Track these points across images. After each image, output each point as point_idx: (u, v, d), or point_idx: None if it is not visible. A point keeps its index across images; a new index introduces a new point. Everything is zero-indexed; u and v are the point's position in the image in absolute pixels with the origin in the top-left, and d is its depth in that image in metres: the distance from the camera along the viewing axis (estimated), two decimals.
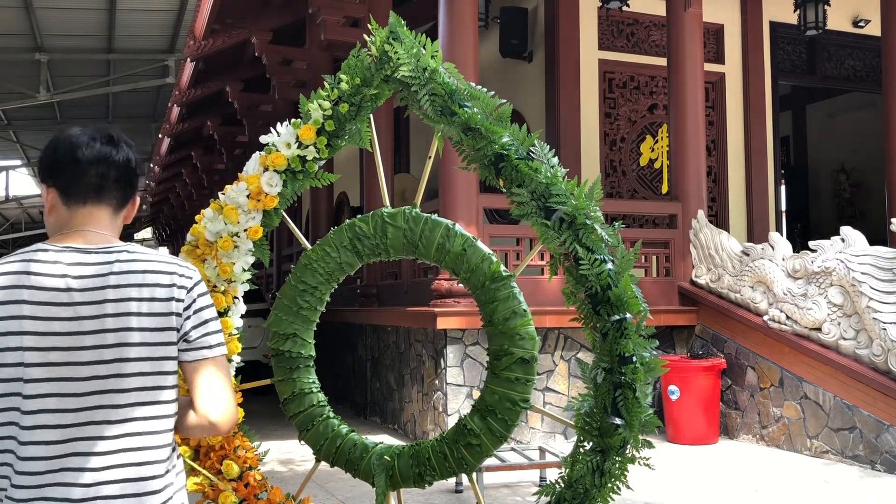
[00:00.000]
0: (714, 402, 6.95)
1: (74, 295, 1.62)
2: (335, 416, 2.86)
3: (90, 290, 1.63)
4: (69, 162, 1.72)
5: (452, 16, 6.90)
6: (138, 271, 1.68)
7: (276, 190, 2.72)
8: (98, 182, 1.73)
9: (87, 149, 1.72)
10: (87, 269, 1.65)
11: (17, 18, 11.78)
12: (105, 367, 1.62)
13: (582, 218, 2.57)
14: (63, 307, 1.61)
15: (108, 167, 1.73)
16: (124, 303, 1.64)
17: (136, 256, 1.70)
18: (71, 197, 1.73)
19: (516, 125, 2.67)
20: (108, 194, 1.74)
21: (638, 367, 2.52)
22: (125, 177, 1.76)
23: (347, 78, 2.70)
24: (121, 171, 1.75)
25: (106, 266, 1.67)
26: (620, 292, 2.53)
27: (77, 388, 1.60)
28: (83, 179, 1.72)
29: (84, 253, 1.67)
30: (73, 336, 1.61)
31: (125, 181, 1.77)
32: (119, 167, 1.75)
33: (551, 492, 2.66)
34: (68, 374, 1.60)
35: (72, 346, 1.60)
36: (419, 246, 2.72)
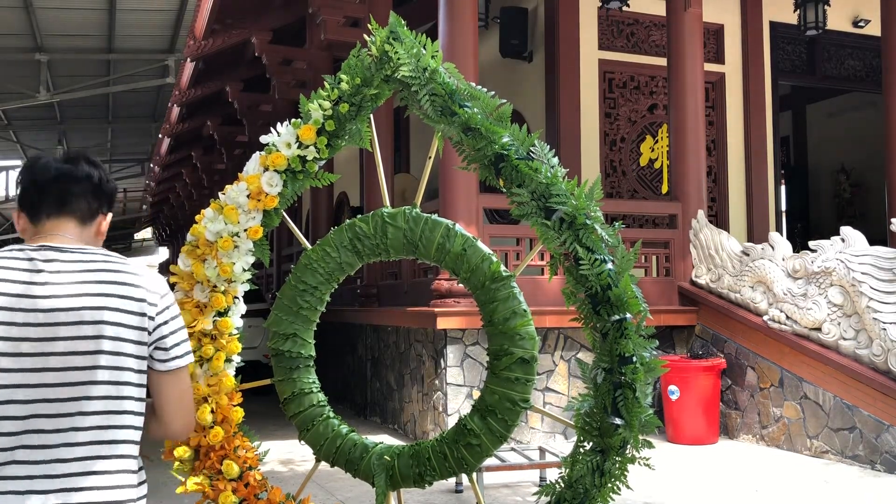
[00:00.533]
0: (714, 402, 6.95)
1: (50, 288, 1.66)
2: (335, 416, 2.86)
3: (67, 285, 1.67)
4: (30, 184, 1.80)
5: (452, 16, 6.90)
6: (114, 277, 1.72)
7: (277, 190, 2.71)
8: (59, 196, 1.79)
9: (46, 170, 1.80)
10: (63, 266, 1.70)
11: (17, 18, 11.78)
12: (77, 373, 1.64)
13: (582, 218, 2.57)
14: (38, 300, 1.64)
15: (68, 182, 1.80)
16: (99, 311, 1.67)
17: (111, 262, 1.75)
18: (35, 214, 1.80)
19: (516, 125, 2.67)
20: (71, 206, 1.80)
21: (638, 367, 2.52)
22: (89, 190, 1.82)
23: (347, 78, 2.70)
24: (83, 186, 1.81)
25: (81, 264, 1.71)
26: (620, 292, 2.53)
27: (41, 379, 1.61)
28: (44, 196, 1.79)
29: (59, 251, 1.72)
30: (48, 327, 1.63)
31: (90, 194, 1.82)
32: (80, 181, 1.81)
33: (551, 492, 2.66)
34: (39, 365, 1.61)
35: (44, 338, 1.62)
36: (419, 246, 2.72)
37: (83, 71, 14.28)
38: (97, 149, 20.04)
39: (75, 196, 1.80)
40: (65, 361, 1.62)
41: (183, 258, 2.74)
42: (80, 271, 1.69)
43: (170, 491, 5.20)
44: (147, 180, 22.96)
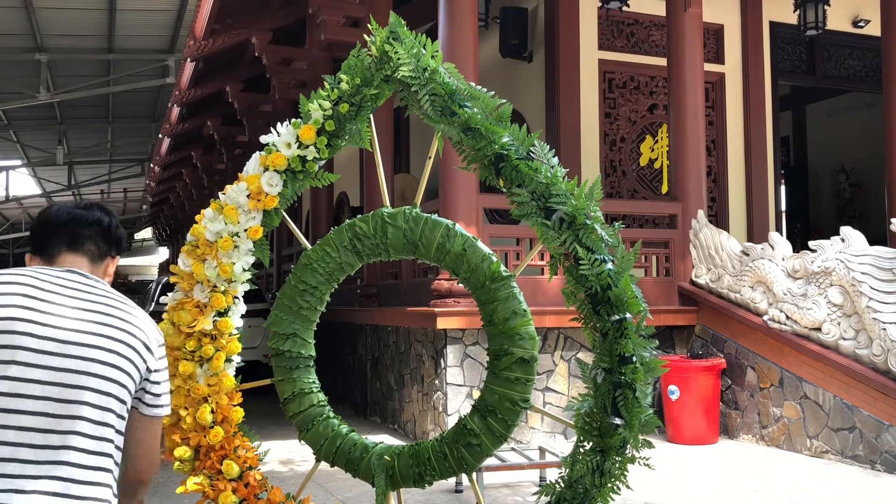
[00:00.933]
0: (714, 402, 6.95)
1: (57, 309, 1.70)
2: (335, 416, 2.86)
3: (72, 310, 1.72)
4: (42, 228, 1.89)
5: (452, 16, 6.90)
6: (118, 319, 1.77)
7: (277, 190, 2.72)
8: (70, 237, 1.88)
9: (59, 214, 1.89)
10: (74, 291, 1.76)
11: (17, 18, 11.78)
12: (56, 405, 1.64)
13: (582, 218, 2.57)
14: (61, 318, 1.69)
15: (78, 226, 1.89)
16: (93, 349, 1.70)
17: (120, 301, 1.82)
18: (47, 253, 1.87)
19: (516, 125, 2.67)
20: (80, 246, 1.88)
21: (638, 367, 2.52)
22: (98, 234, 1.91)
23: (347, 78, 2.70)
24: (93, 229, 1.90)
25: (93, 295, 1.77)
26: (620, 292, 2.53)
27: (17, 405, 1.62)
28: (56, 238, 1.88)
29: (85, 277, 1.80)
30: (38, 354, 1.65)
31: (98, 237, 1.91)
32: (90, 224, 1.90)
33: (551, 492, 2.66)
34: (19, 391, 1.61)
35: (31, 363, 1.64)
36: (419, 246, 2.72)
37: (83, 71, 14.28)
38: (97, 149, 20.04)
39: (85, 238, 1.89)
40: (44, 391, 1.63)
41: (183, 258, 2.74)
42: (89, 301, 1.76)
43: (170, 491, 5.20)
44: (147, 180, 22.96)
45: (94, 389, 1.66)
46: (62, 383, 1.63)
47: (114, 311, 1.77)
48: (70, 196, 25.19)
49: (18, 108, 15.14)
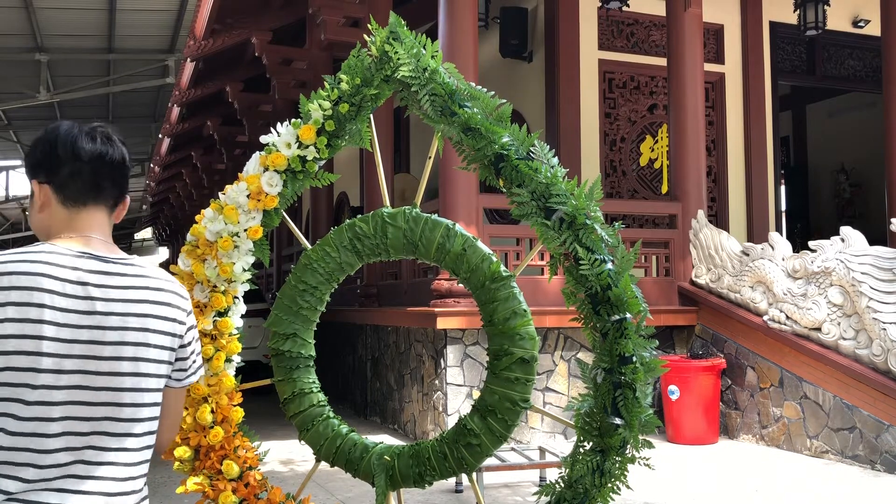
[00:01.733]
0: (714, 402, 6.95)
1: (96, 304, 1.58)
2: (335, 416, 2.86)
3: (114, 302, 1.61)
4: (67, 159, 1.66)
5: (452, 16, 6.90)
6: (154, 288, 1.68)
7: (277, 190, 2.72)
8: (96, 181, 1.68)
9: (86, 145, 1.67)
10: (108, 279, 1.62)
11: (17, 18, 11.78)
12: (121, 380, 1.60)
13: (582, 218, 2.57)
14: (84, 315, 1.57)
15: (104, 165, 1.68)
16: (144, 318, 1.63)
17: (147, 272, 1.69)
18: (69, 197, 1.67)
19: (516, 125, 2.67)
20: (105, 195, 1.70)
21: (638, 367, 2.52)
22: (120, 176, 1.73)
23: (347, 78, 2.70)
24: (116, 170, 1.71)
25: (126, 279, 1.64)
26: (620, 292, 2.53)
27: (90, 398, 1.57)
28: (81, 178, 1.67)
29: (102, 261, 1.64)
30: (92, 345, 1.57)
31: (120, 180, 1.74)
32: (115, 166, 1.71)
33: (551, 492, 2.66)
34: (82, 383, 1.56)
35: (89, 356, 1.56)
36: (419, 246, 2.72)
37: (83, 71, 14.28)
38: None
39: (108, 182, 1.70)
40: (112, 366, 1.59)
41: (183, 258, 2.74)
42: (125, 287, 1.63)
43: (170, 491, 5.20)
44: (147, 180, 22.96)
45: (147, 367, 1.63)
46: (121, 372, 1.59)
47: (147, 294, 1.65)
48: None
49: (18, 108, 15.15)
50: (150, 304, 1.65)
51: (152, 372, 1.65)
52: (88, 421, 1.56)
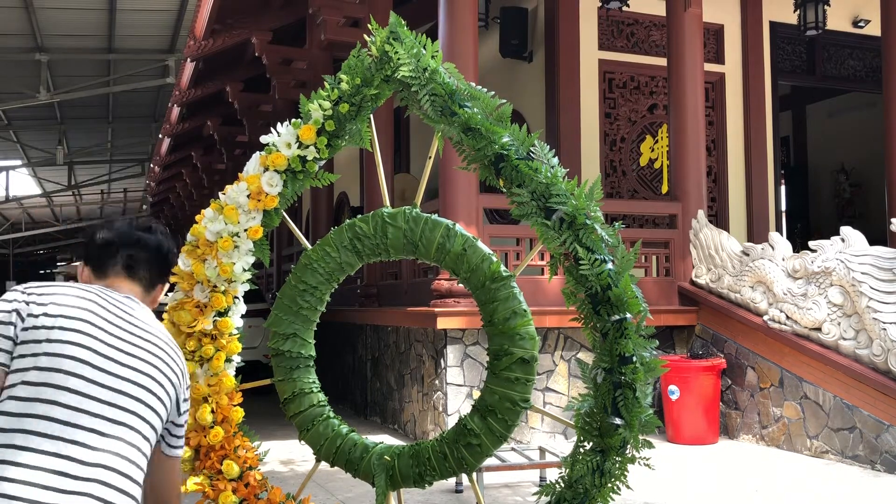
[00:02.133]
0: (714, 402, 6.95)
1: (126, 335, 1.74)
2: (335, 416, 2.86)
3: (140, 334, 1.76)
4: (104, 243, 1.87)
5: (452, 16, 6.90)
6: (170, 347, 1.82)
7: (277, 190, 2.72)
8: (127, 262, 1.87)
9: (121, 236, 1.88)
10: (129, 308, 1.79)
11: (17, 18, 11.78)
12: (123, 413, 1.67)
13: (582, 218, 2.57)
14: (119, 340, 1.71)
15: (138, 249, 1.87)
16: (157, 359, 1.76)
17: (165, 339, 1.83)
18: (101, 272, 1.86)
19: (516, 125, 2.66)
20: (137, 274, 1.87)
21: (638, 367, 2.52)
22: (156, 260, 1.90)
23: (348, 78, 2.70)
24: (151, 254, 1.89)
25: (144, 318, 1.80)
26: (620, 292, 2.53)
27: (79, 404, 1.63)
28: (114, 258, 1.86)
29: (126, 297, 1.82)
30: (111, 362, 1.67)
31: (155, 263, 1.90)
32: (150, 249, 1.89)
33: (551, 492, 2.66)
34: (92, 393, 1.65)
35: (105, 370, 1.66)
36: (419, 246, 2.72)
37: (83, 71, 14.28)
38: (97, 149, 20.04)
39: (142, 263, 1.88)
40: (101, 409, 1.66)
41: (183, 258, 2.74)
42: (142, 330, 1.78)
43: None
44: (147, 180, 22.96)
45: (139, 416, 1.69)
46: (116, 404, 1.65)
47: (159, 349, 1.78)
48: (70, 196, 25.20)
49: (18, 108, 15.15)
50: (163, 350, 1.80)
51: (146, 416, 1.72)
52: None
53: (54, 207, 27.83)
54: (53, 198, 25.69)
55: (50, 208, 27.83)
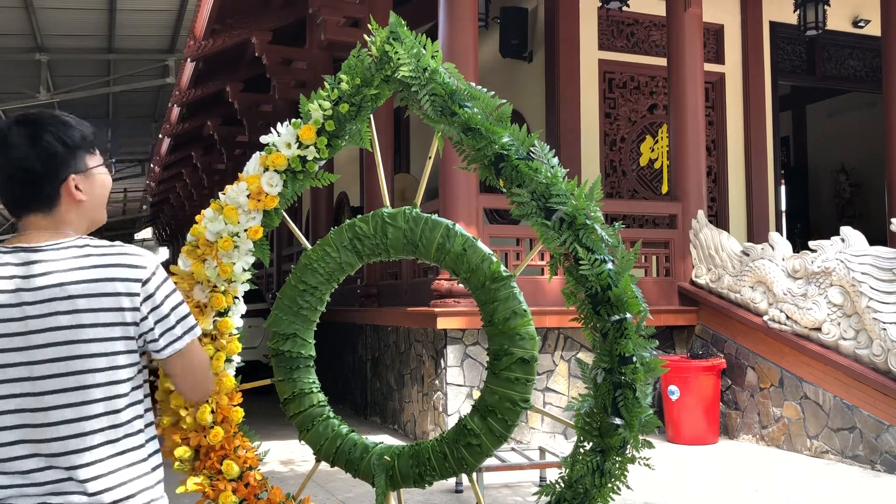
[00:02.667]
0: (714, 402, 6.95)
1: (23, 295, 1.59)
2: (335, 416, 2.86)
3: (38, 290, 1.59)
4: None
5: (452, 16, 6.90)
6: (87, 266, 1.62)
7: (277, 190, 2.71)
8: (12, 195, 1.67)
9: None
10: (34, 268, 1.61)
11: (17, 18, 11.78)
12: (61, 368, 1.59)
13: (582, 218, 2.57)
14: (12, 308, 1.58)
15: (12, 176, 1.65)
16: (73, 300, 1.59)
17: (87, 252, 1.64)
18: (9, 209, 1.70)
19: (516, 125, 2.66)
20: (25, 206, 1.67)
21: (638, 367, 2.52)
22: (36, 173, 1.64)
23: (348, 78, 2.70)
24: (19, 173, 1.64)
25: (53, 264, 1.61)
26: (620, 292, 2.53)
27: (33, 389, 1.58)
28: (3, 193, 1.68)
29: (31, 252, 1.63)
30: (24, 336, 1.58)
31: (29, 183, 1.65)
32: (13, 168, 1.64)
33: (551, 492, 2.66)
34: (24, 375, 1.58)
35: (24, 347, 1.58)
36: (419, 246, 2.71)
37: (83, 71, 14.28)
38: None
39: (25, 188, 1.65)
40: (49, 370, 1.59)
41: (183, 258, 2.73)
42: (50, 273, 1.60)
43: (170, 491, 5.20)
44: (147, 180, 22.96)
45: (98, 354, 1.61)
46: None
47: (75, 274, 1.61)
48: None
49: (18, 108, 15.14)
50: (81, 284, 1.60)
51: (95, 352, 1.61)
52: (35, 412, 1.58)
53: None
54: None
55: None
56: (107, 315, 1.62)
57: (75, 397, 1.59)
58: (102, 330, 1.61)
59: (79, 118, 1.76)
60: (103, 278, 1.62)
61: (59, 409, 1.59)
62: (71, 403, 1.59)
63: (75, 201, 1.69)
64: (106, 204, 1.81)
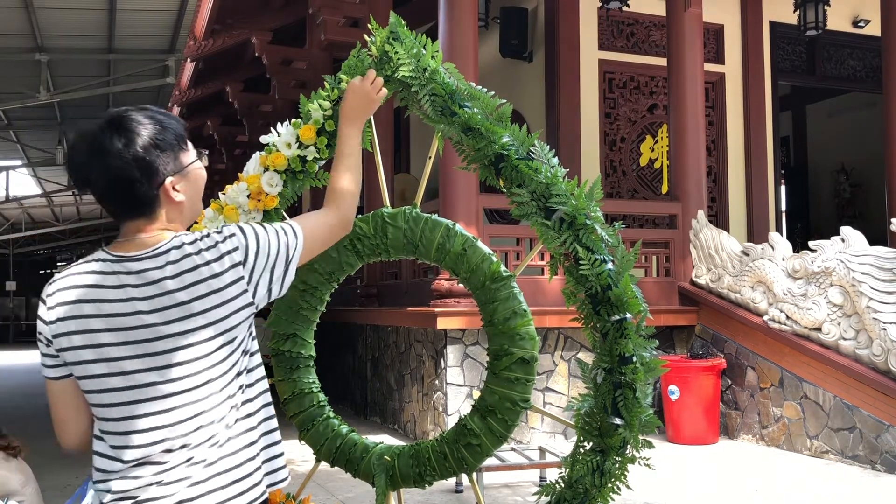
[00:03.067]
0: (714, 402, 6.95)
1: (137, 304, 1.58)
2: (335, 416, 2.86)
3: (151, 299, 1.58)
4: (74, 178, 1.66)
5: (452, 16, 6.90)
6: (189, 269, 1.60)
7: (277, 190, 2.71)
8: (103, 205, 1.66)
9: (74, 165, 1.63)
10: (144, 277, 1.59)
11: (17, 18, 11.77)
12: (184, 368, 1.58)
13: (582, 218, 2.57)
14: (128, 317, 1.57)
15: (94, 189, 1.63)
16: (188, 304, 1.58)
17: (185, 251, 1.61)
18: (104, 208, 1.69)
19: (516, 125, 2.66)
20: (126, 213, 1.64)
21: (638, 367, 2.52)
22: (127, 185, 1.60)
23: (348, 78, 2.70)
24: (118, 181, 1.60)
25: (158, 271, 1.59)
26: (620, 292, 2.53)
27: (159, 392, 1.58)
28: (96, 198, 1.65)
29: (135, 261, 1.60)
30: (145, 344, 1.57)
31: (129, 190, 1.61)
32: (112, 177, 1.60)
33: (551, 492, 2.66)
34: (149, 380, 1.58)
35: (145, 354, 1.57)
36: (419, 246, 2.71)
37: (83, 71, 14.27)
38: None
39: (125, 195, 1.62)
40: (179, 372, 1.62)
41: None
42: (158, 280, 1.59)
43: None
44: None
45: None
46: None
47: (184, 278, 1.60)
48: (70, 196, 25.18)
49: (18, 108, 15.14)
50: (195, 286, 1.59)
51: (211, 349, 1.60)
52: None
53: (54, 207, 27.82)
54: (53, 198, 25.68)
55: (50, 208, 27.82)
56: (218, 311, 1.61)
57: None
58: (213, 328, 1.60)
59: (167, 112, 1.74)
60: (207, 277, 1.61)
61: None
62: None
63: (174, 202, 1.68)
64: (202, 194, 1.79)
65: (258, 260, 1.67)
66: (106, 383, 1.58)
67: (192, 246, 1.63)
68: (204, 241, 1.64)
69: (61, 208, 28.15)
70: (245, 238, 1.67)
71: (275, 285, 1.71)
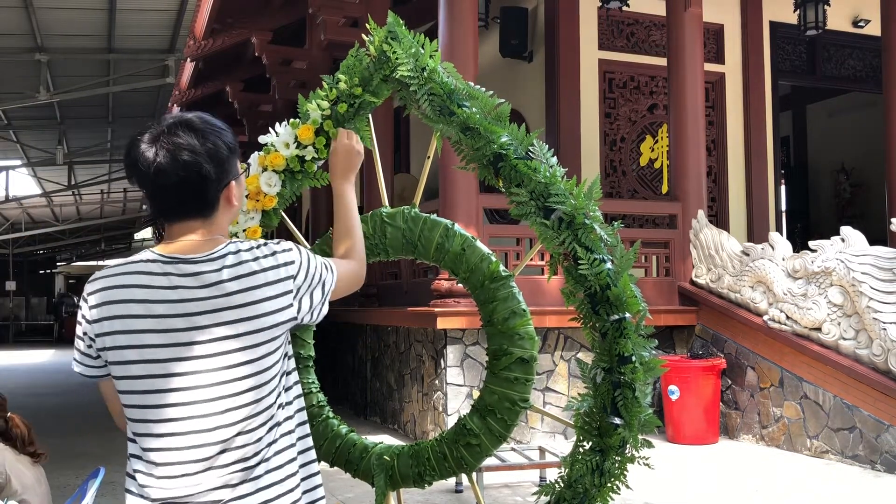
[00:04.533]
0: (714, 402, 6.95)
1: (189, 306, 1.56)
2: (335, 416, 2.85)
3: (206, 300, 1.57)
4: (133, 177, 1.67)
5: (452, 16, 6.90)
6: (245, 274, 1.60)
7: (275, 190, 2.71)
8: (159, 202, 1.65)
9: (137, 163, 1.62)
10: (200, 279, 1.58)
11: (17, 18, 11.77)
12: (224, 373, 1.57)
13: (581, 217, 2.57)
14: (178, 318, 1.56)
15: (167, 189, 1.61)
16: (243, 308, 1.58)
17: (241, 257, 1.61)
18: (155, 211, 1.69)
19: (515, 125, 2.66)
20: (185, 212, 1.64)
21: (637, 367, 2.52)
22: (199, 184, 1.61)
23: (346, 78, 2.69)
24: (193, 177, 1.60)
25: (215, 274, 1.58)
26: (619, 292, 2.53)
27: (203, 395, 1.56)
28: (150, 198, 1.66)
29: (191, 263, 1.59)
30: (191, 346, 1.55)
31: (199, 189, 1.61)
32: (188, 172, 1.59)
33: (551, 492, 2.66)
34: (194, 384, 1.56)
35: (190, 357, 1.55)
36: (418, 246, 2.71)
37: (83, 71, 14.26)
38: (97, 149, 20.02)
39: (194, 194, 1.61)
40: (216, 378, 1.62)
41: None
42: (213, 283, 1.59)
43: None
44: None
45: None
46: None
47: (240, 282, 1.62)
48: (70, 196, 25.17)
49: (18, 108, 15.14)
50: (247, 292, 1.59)
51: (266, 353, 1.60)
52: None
53: (54, 207, 27.81)
54: (53, 198, 25.67)
55: (50, 208, 27.82)
56: (267, 319, 1.61)
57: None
58: (261, 334, 1.60)
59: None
60: (263, 284, 1.61)
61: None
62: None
63: (231, 207, 1.70)
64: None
65: (307, 280, 1.69)
66: (144, 384, 1.55)
67: (248, 253, 1.63)
68: (261, 248, 1.65)
69: (61, 208, 28.15)
70: (300, 256, 1.70)
71: (314, 310, 1.72)
